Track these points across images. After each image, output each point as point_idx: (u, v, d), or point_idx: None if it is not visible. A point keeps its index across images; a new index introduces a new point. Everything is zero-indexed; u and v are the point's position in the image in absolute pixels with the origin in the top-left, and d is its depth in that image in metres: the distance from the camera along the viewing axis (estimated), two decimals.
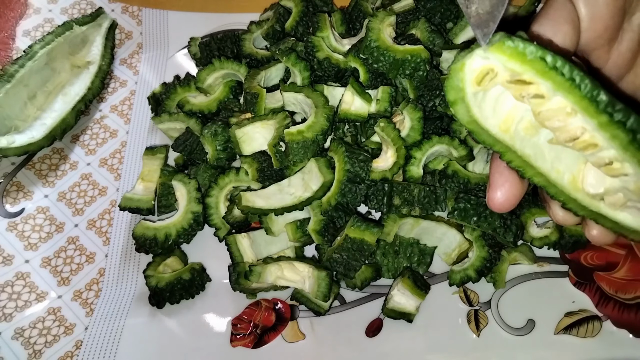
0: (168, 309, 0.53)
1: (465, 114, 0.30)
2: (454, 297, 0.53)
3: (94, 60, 0.66)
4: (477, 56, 0.27)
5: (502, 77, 0.28)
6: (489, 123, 0.30)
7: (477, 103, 0.29)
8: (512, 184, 0.33)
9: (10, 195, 0.60)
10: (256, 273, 0.49)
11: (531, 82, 0.27)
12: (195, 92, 0.61)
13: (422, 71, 0.52)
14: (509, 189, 0.33)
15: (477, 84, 0.28)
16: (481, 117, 0.30)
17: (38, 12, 0.73)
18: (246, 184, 0.54)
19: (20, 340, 0.52)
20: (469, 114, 0.30)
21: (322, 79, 0.57)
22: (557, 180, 0.31)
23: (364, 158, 0.49)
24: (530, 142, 0.30)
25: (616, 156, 0.27)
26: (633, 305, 0.51)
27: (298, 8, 0.62)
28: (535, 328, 0.51)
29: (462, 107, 0.29)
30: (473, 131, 0.30)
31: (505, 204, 0.34)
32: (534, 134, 0.30)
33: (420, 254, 0.53)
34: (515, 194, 0.33)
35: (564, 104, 0.27)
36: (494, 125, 0.30)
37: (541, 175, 0.30)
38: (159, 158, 0.59)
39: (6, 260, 0.56)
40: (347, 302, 0.53)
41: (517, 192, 0.33)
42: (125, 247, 0.57)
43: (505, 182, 0.33)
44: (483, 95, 0.29)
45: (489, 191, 0.34)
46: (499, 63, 0.27)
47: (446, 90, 0.29)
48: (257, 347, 0.51)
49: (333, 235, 0.51)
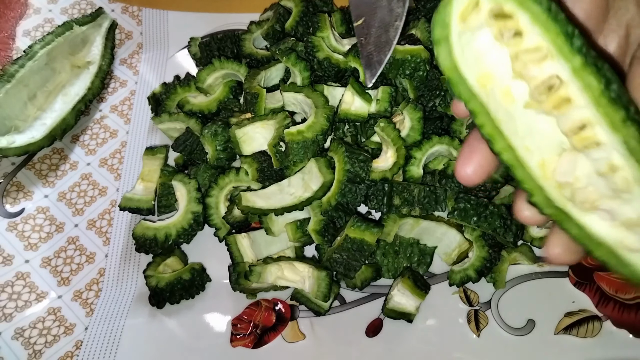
0: (168, 309, 0.53)
1: (447, 57, 0.29)
2: (454, 297, 0.53)
3: (94, 60, 0.66)
4: None
5: (485, 10, 0.28)
6: (468, 72, 0.29)
7: (460, 46, 0.29)
8: (482, 156, 0.32)
9: (10, 195, 0.60)
10: (256, 273, 0.49)
11: (511, 16, 0.28)
12: (195, 92, 0.61)
13: (422, 71, 0.52)
14: (479, 161, 0.32)
15: (463, 20, 0.29)
16: (462, 62, 0.29)
17: (38, 12, 0.73)
18: (246, 184, 0.54)
19: (20, 340, 0.52)
20: (450, 56, 0.29)
21: (322, 79, 0.57)
22: (526, 159, 0.29)
23: (364, 158, 0.49)
24: (505, 109, 0.29)
25: (589, 117, 0.27)
26: (633, 305, 0.51)
27: (298, 8, 0.62)
28: (535, 328, 0.51)
29: (445, 47, 0.29)
30: (451, 80, 0.30)
31: (473, 177, 0.32)
32: (510, 102, 0.29)
33: (420, 254, 0.53)
34: (485, 168, 0.32)
35: (540, 43, 0.27)
36: (472, 77, 0.29)
37: (510, 150, 0.29)
38: (159, 158, 0.59)
39: (6, 260, 0.56)
40: (347, 302, 0.53)
41: (486, 166, 0.32)
42: (125, 247, 0.57)
43: (475, 155, 0.32)
44: (467, 40, 0.29)
45: (457, 162, 0.33)
46: None
47: (433, 27, 0.29)
48: (257, 347, 0.51)
49: (333, 235, 0.51)
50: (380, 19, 0.33)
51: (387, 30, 0.32)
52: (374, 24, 0.33)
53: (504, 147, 0.29)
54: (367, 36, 0.33)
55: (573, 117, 0.27)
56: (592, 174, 0.28)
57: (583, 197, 0.28)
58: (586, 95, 0.27)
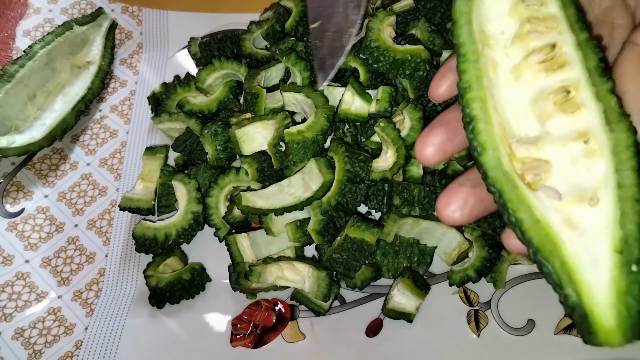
0: (168, 309, 0.53)
1: (466, 3, 0.31)
2: (454, 297, 0.53)
3: (94, 60, 0.66)
4: None
5: None
6: (476, 22, 0.31)
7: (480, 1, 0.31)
8: (442, 138, 0.32)
9: (10, 195, 0.60)
10: (256, 273, 0.49)
11: None
12: (195, 92, 0.61)
13: (422, 71, 0.52)
14: (439, 142, 0.32)
15: None
16: (476, 12, 0.31)
17: (38, 12, 0.73)
18: (246, 184, 0.54)
19: (20, 340, 0.52)
20: (469, 3, 0.31)
21: None
22: (491, 115, 0.29)
23: (364, 158, 0.49)
24: (492, 69, 0.30)
25: (578, 80, 0.28)
26: None
27: (298, 8, 0.62)
28: (535, 328, 0.51)
29: None
30: (457, 22, 0.31)
31: (432, 158, 0.33)
32: (496, 67, 0.30)
33: (420, 254, 0.53)
34: (444, 149, 0.32)
35: (557, 13, 0.30)
36: (477, 28, 0.31)
37: (480, 102, 0.29)
38: (159, 158, 0.59)
39: (6, 260, 0.56)
40: (347, 302, 0.53)
41: (446, 148, 0.32)
42: (125, 247, 0.57)
43: (434, 136, 0.32)
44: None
45: (417, 142, 0.33)
46: None
47: None
48: (257, 347, 0.51)
49: (333, 235, 0.51)
50: (335, 24, 0.34)
51: (341, 36, 0.34)
52: (330, 28, 0.34)
53: (475, 97, 0.29)
54: (322, 40, 0.34)
55: (564, 77, 0.29)
56: (553, 145, 0.28)
57: (532, 174, 0.28)
58: (581, 65, 0.28)
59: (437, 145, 0.32)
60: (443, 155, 0.32)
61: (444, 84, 0.33)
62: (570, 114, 0.28)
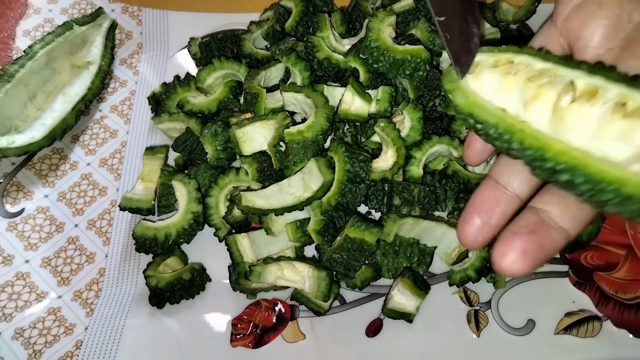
0: (168, 309, 0.53)
1: (464, 97, 0.32)
2: (454, 297, 0.53)
3: (94, 60, 0.66)
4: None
5: (488, 63, 0.33)
6: (488, 103, 0.32)
7: (473, 90, 0.33)
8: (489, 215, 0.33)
9: (10, 195, 0.60)
10: (256, 273, 0.49)
11: (512, 61, 0.32)
12: (195, 92, 0.61)
13: (422, 71, 0.52)
14: (483, 223, 0.33)
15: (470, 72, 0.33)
16: (479, 98, 0.32)
17: (38, 12, 0.73)
18: (246, 184, 0.54)
19: (20, 340, 0.52)
20: (467, 96, 0.32)
21: (322, 79, 0.57)
22: (587, 153, 0.27)
23: (364, 158, 0.49)
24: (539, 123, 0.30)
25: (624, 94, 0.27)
26: (633, 305, 0.51)
27: (298, 8, 0.62)
28: (535, 328, 0.51)
29: (461, 92, 0.33)
30: (474, 113, 0.31)
31: (476, 242, 0.33)
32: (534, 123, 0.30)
33: (420, 254, 0.53)
34: (486, 232, 0.33)
35: (545, 66, 0.31)
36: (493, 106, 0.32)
37: (568, 150, 0.28)
38: (159, 158, 0.59)
39: (6, 260, 0.56)
40: (347, 302, 0.53)
41: (488, 230, 0.33)
42: (125, 247, 0.57)
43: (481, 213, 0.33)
44: (477, 86, 0.33)
45: (459, 224, 0.34)
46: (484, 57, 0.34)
47: (444, 82, 0.34)
48: (257, 347, 0.51)
49: (333, 235, 0.51)
50: (459, 27, 0.36)
51: (468, 41, 0.35)
52: (455, 28, 0.36)
53: (560, 150, 0.27)
54: (452, 36, 0.36)
55: (609, 97, 0.28)
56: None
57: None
58: (609, 82, 0.28)
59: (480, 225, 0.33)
60: (484, 238, 0.34)
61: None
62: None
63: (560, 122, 0.29)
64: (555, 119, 0.29)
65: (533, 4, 0.62)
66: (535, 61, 0.31)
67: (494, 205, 0.33)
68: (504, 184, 0.34)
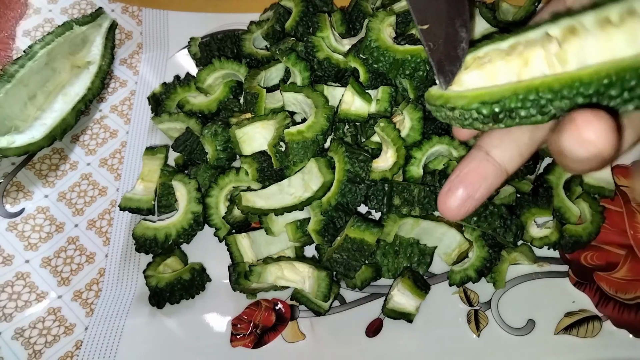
0: (168, 309, 0.53)
1: (462, 98, 0.32)
2: (454, 297, 0.53)
3: (94, 60, 0.66)
4: None
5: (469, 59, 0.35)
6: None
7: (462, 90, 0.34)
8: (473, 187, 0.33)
9: (10, 195, 0.60)
10: (256, 273, 0.49)
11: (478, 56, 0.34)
12: (195, 92, 0.61)
13: (422, 71, 0.52)
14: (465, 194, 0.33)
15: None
16: (478, 89, 0.32)
17: (38, 12, 0.73)
18: (246, 184, 0.54)
19: (20, 340, 0.52)
20: (465, 95, 0.32)
21: (322, 79, 0.57)
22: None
23: (364, 158, 0.49)
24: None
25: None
26: (633, 305, 0.51)
27: (298, 8, 0.62)
28: (535, 328, 0.51)
29: (455, 98, 0.33)
30: (484, 100, 0.31)
31: (457, 214, 0.33)
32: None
33: (420, 254, 0.53)
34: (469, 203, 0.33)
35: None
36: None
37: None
38: (159, 158, 0.59)
39: (6, 260, 0.56)
40: (347, 302, 0.53)
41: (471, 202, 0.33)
42: (125, 247, 0.57)
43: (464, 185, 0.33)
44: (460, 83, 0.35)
45: (442, 192, 0.34)
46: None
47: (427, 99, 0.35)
48: (257, 347, 0.51)
49: (333, 235, 0.51)
50: (446, 33, 0.35)
51: (455, 47, 0.34)
52: (440, 34, 0.35)
53: (595, 70, 0.28)
54: (436, 44, 0.35)
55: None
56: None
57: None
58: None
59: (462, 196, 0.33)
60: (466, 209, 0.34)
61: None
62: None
63: (566, 64, 0.29)
64: (560, 65, 0.29)
65: (533, 4, 0.62)
66: (498, 44, 0.32)
67: (482, 179, 0.33)
68: (494, 157, 0.33)
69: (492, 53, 0.33)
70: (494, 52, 0.33)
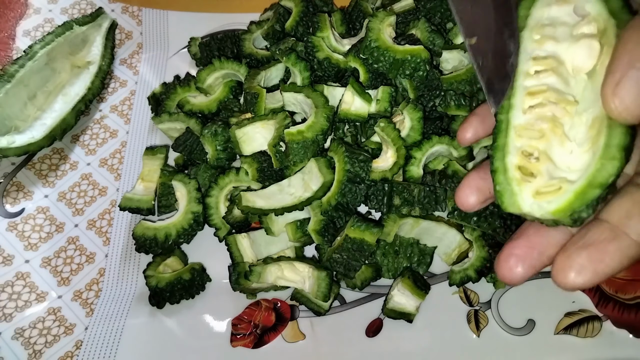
0: (168, 309, 0.53)
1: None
2: (454, 297, 0.53)
3: (94, 60, 0.66)
4: None
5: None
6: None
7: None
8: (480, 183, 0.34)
9: (10, 195, 0.60)
10: (256, 273, 0.49)
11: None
12: (195, 92, 0.61)
13: (422, 71, 0.52)
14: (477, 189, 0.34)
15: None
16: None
17: (38, 12, 0.73)
18: (246, 184, 0.54)
19: (20, 340, 0.52)
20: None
21: (322, 79, 0.57)
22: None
23: (364, 158, 0.49)
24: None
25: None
26: (633, 305, 0.51)
27: (298, 8, 0.62)
28: (535, 328, 0.51)
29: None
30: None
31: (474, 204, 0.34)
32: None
33: (420, 254, 0.53)
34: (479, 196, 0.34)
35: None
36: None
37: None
38: (159, 158, 0.59)
39: (6, 260, 0.56)
40: (347, 302, 0.53)
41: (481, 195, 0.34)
42: (125, 247, 0.57)
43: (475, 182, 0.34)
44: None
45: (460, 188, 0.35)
46: None
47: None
48: (257, 347, 0.51)
49: (333, 235, 0.51)
50: (494, 47, 0.33)
51: (504, 64, 0.32)
52: (489, 48, 0.33)
53: None
54: (485, 60, 0.32)
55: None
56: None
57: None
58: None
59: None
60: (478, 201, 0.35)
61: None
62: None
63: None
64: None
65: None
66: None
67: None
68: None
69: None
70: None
